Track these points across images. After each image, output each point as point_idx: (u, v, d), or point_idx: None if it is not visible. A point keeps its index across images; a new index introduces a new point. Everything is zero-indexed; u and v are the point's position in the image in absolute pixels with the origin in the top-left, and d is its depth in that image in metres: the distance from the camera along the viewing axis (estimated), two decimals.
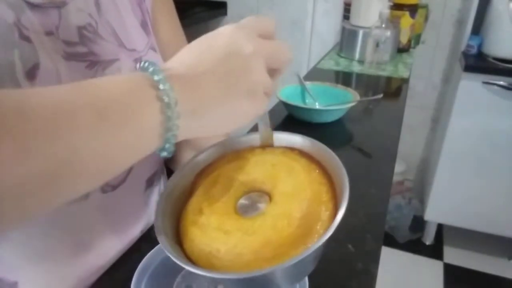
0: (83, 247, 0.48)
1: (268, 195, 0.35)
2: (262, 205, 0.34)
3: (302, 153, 0.39)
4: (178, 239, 0.34)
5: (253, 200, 0.35)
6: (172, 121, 0.28)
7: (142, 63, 0.30)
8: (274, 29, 0.36)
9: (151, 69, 0.29)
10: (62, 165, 0.24)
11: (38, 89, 0.25)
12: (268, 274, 0.28)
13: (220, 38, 0.32)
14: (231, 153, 0.40)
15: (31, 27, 0.39)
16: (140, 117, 0.27)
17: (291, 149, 0.39)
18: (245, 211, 0.35)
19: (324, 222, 0.32)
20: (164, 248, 0.30)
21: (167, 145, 0.30)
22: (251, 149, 0.41)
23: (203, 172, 0.40)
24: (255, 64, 0.32)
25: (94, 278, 0.49)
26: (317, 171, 0.36)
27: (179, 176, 0.39)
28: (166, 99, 0.28)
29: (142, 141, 0.28)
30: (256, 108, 0.33)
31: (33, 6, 0.39)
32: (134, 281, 0.43)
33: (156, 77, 0.28)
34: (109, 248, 0.51)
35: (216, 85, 0.30)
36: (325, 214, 0.32)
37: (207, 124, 0.32)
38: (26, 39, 0.38)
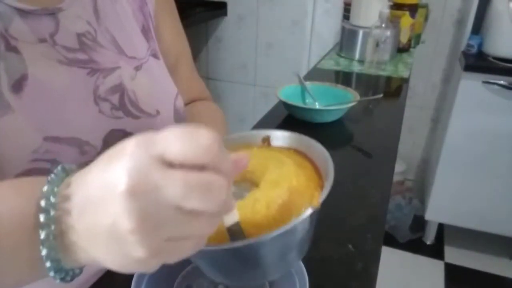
0: None
1: (256, 185, 0.36)
2: (247, 193, 0.35)
3: (297, 152, 0.39)
4: None
5: (241, 189, 0.36)
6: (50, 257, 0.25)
7: (46, 187, 0.26)
8: (210, 155, 0.23)
9: (43, 203, 0.25)
10: None
11: None
12: (232, 250, 0.28)
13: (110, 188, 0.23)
14: (230, 149, 0.41)
15: (20, 36, 0.38)
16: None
17: (288, 148, 0.40)
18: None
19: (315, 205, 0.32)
20: None
21: (58, 277, 0.27)
22: (249, 146, 0.42)
23: None
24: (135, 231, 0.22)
25: (94, 279, 0.48)
26: (309, 168, 0.37)
27: None
28: (42, 235, 0.25)
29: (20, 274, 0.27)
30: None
31: (24, 14, 0.39)
32: (134, 282, 0.43)
33: (43, 218, 0.25)
34: None
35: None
36: (316, 198, 0.32)
37: (93, 262, 0.26)
38: (13, 49, 0.37)
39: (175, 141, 0.23)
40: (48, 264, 0.26)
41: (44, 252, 0.25)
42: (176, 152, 0.23)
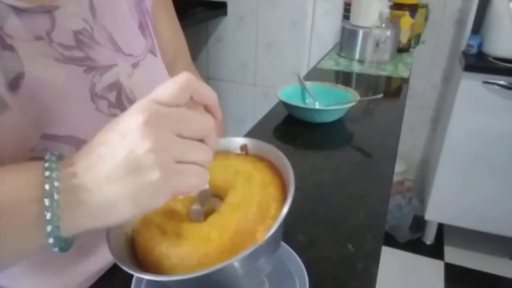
0: (84, 252, 0.48)
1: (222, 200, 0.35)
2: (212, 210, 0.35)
3: (270, 164, 0.38)
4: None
5: (206, 206, 0.36)
6: (51, 211, 0.27)
7: (48, 155, 0.29)
8: (185, 94, 0.30)
9: (47, 164, 0.28)
10: None
11: None
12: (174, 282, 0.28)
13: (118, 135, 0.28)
14: None
15: (15, 35, 0.38)
16: (17, 208, 0.28)
17: (261, 159, 0.39)
18: (195, 215, 0.35)
19: (258, 241, 0.30)
20: (107, 243, 0.32)
21: (50, 240, 0.28)
22: (227, 153, 0.41)
23: None
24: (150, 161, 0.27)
25: (94, 280, 0.48)
26: (277, 186, 0.35)
27: None
28: (47, 187, 0.27)
29: (19, 234, 0.28)
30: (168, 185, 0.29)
31: (20, 11, 0.38)
32: (134, 282, 0.43)
33: (47, 173, 0.28)
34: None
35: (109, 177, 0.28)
36: (262, 233, 0.30)
37: (98, 212, 0.29)
38: (9, 48, 0.37)
39: (164, 88, 0.30)
40: (49, 228, 0.28)
41: (48, 216, 0.27)
42: (167, 95, 0.29)
